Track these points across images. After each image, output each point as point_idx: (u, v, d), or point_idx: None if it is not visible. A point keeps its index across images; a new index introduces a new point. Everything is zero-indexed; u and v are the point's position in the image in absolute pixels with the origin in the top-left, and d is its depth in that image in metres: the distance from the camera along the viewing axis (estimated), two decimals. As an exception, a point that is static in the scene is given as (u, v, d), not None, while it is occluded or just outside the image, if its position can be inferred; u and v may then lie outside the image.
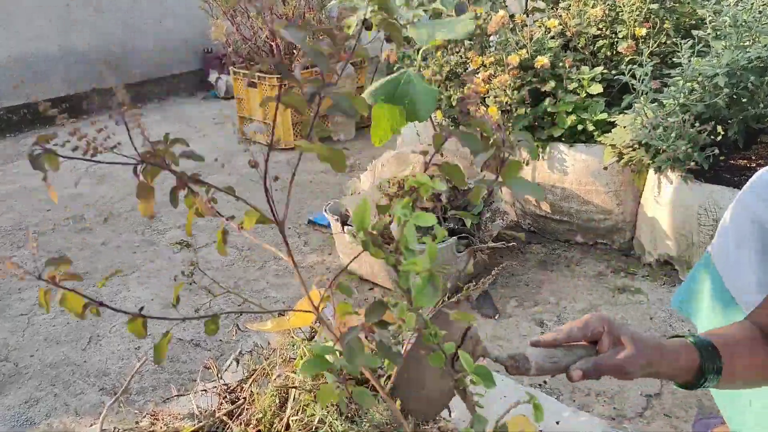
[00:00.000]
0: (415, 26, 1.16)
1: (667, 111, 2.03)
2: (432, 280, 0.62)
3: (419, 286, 0.62)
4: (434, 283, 0.62)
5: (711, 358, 0.90)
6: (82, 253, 2.78)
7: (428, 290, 0.62)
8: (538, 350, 0.88)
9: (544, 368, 0.87)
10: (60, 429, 1.69)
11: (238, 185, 3.52)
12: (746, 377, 0.98)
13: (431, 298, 0.62)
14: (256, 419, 1.34)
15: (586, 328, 0.89)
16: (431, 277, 0.62)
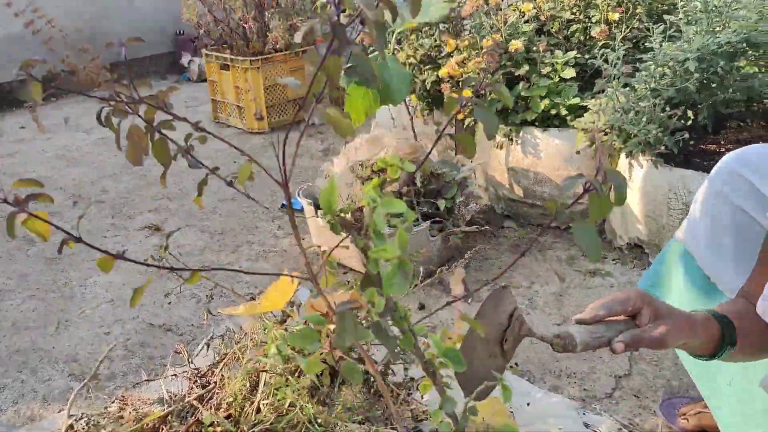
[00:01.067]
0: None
1: (638, 95, 2.05)
2: (402, 268, 0.61)
3: (388, 275, 0.60)
4: (404, 271, 0.60)
5: (729, 331, 0.96)
6: (51, 237, 2.72)
7: (398, 278, 0.60)
8: (581, 327, 0.91)
9: (589, 344, 0.90)
10: (27, 415, 1.67)
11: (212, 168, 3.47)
12: (749, 351, 1.03)
13: (401, 287, 0.60)
14: (226, 403, 1.33)
15: (627, 303, 0.92)
16: (401, 265, 0.60)
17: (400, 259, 0.61)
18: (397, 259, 0.61)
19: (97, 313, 2.16)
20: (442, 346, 0.72)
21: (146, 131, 0.70)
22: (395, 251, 0.61)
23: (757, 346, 1.02)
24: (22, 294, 2.30)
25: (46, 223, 0.70)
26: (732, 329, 0.96)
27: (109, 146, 3.90)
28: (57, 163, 3.67)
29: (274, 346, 1.36)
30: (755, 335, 1.00)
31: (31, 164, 3.66)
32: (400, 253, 0.61)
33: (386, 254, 0.62)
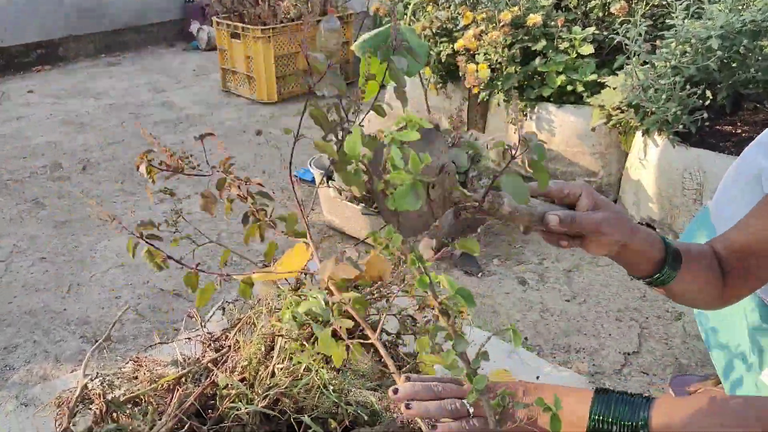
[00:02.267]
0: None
1: (658, 73, 2.02)
2: (415, 188, 0.64)
3: (401, 192, 0.64)
4: (417, 191, 0.64)
5: (674, 257, 0.90)
6: (60, 201, 2.72)
7: (410, 197, 0.64)
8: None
9: (519, 210, 0.84)
10: (40, 375, 1.68)
11: (221, 137, 3.45)
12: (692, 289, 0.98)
13: (413, 203, 0.64)
14: (241, 367, 1.34)
15: (565, 187, 0.88)
16: (414, 185, 0.65)
17: (413, 181, 0.65)
18: (410, 179, 0.65)
19: (107, 277, 2.16)
20: (454, 285, 0.72)
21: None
22: (409, 172, 0.65)
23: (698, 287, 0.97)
24: (32, 256, 2.30)
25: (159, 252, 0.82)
26: (677, 257, 0.90)
27: (117, 112, 3.88)
28: (65, 128, 3.65)
29: (288, 312, 1.36)
30: (700, 277, 0.95)
31: (38, 129, 3.64)
32: (413, 174, 0.65)
33: (401, 176, 0.65)
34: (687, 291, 0.96)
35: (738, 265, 0.98)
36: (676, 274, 0.91)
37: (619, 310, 1.96)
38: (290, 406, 1.23)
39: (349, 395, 1.29)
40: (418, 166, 0.66)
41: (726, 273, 0.98)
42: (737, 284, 0.99)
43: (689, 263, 0.92)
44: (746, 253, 0.97)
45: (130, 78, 4.65)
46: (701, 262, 0.96)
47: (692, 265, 0.93)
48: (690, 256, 0.93)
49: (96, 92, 4.29)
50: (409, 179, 0.66)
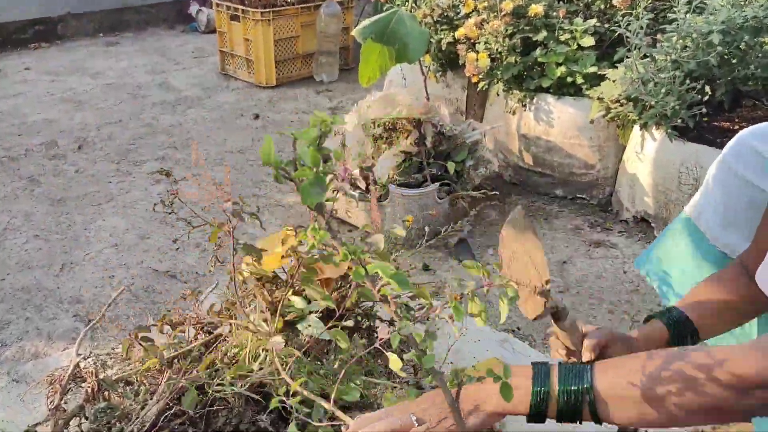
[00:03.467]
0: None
1: (658, 66, 2.02)
2: (319, 181, 0.68)
3: (305, 186, 0.68)
4: (320, 184, 0.68)
5: (682, 334, 0.96)
6: (56, 179, 2.71)
7: (314, 189, 0.68)
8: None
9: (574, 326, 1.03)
10: (32, 352, 1.68)
11: (218, 121, 3.45)
12: (720, 329, 1.03)
13: (317, 196, 0.68)
14: (232, 351, 1.34)
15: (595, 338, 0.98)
16: (318, 179, 0.68)
17: (316, 174, 0.69)
18: (312, 174, 0.69)
19: (101, 256, 2.16)
20: (387, 270, 0.73)
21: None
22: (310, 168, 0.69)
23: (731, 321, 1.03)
24: (26, 233, 2.30)
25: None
26: (687, 330, 0.96)
27: (115, 92, 3.86)
28: (62, 106, 3.63)
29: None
30: (727, 312, 1.00)
31: (36, 106, 3.62)
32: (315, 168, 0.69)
33: (305, 172, 0.69)
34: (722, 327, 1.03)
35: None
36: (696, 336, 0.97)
37: (611, 303, 1.97)
38: (277, 390, 1.23)
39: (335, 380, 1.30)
40: (318, 161, 0.70)
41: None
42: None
43: (705, 317, 0.98)
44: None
45: (128, 58, 4.63)
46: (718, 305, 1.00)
47: (710, 316, 0.98)
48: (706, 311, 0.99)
49: (94, 71, 4.26)
50: (311, 174, 0.69)
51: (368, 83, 2.31)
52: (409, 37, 2.19)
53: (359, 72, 2.29)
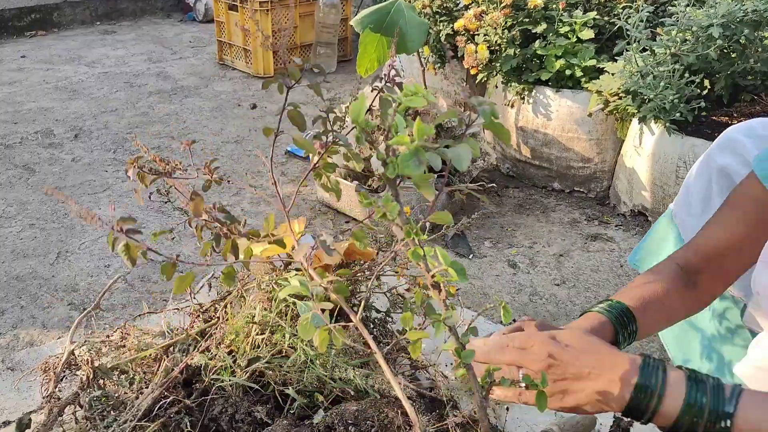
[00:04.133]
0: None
1: (657, 60, 2.01)
2: (418, 154, 0.64)
3: (405, 155, 0.64)
4: (420, 157, 0.64)
5: (625, 326, 0.92)
6: (51, 168, 2.70)
7: (413, 161, 0.64)
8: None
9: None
10: (27, 340, 1.67)
11: (215, 110, 3.43)
12: (659, 324, 1.01)
13: (416, 168, 0.64)
14: (228, 340, 1.34)
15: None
16: (417, 151, 0.64)
17: (417, 146, 0.64)
18: (413, 145, 0.65)
19: (97, 245, 2.15)
20: (448, 258, 0.72)
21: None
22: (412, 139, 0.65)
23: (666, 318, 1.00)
24: (21, 222, 2.28)
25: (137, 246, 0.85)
26: (629, 322, 0.92)
27: (111, 81, 3.83)
28: (58, 94, 3.61)
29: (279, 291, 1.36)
30: (662, 311, 0.98)
31: (31, 94, 3.60)
32: (417, 139, 0.64)
33: (404, 140, 0.65)
34: (656, 327, 1.01)
35: (711, 266, 1.01)
36: (634, 337, 0.93)
37: (608, 296, 1.96)
38: (274, 379, 1.23)
39: (334, 371, 1.30)
40: (423, 133, 0.65)
41: (697, 278, 1.02)
42: (711, 285, 1.03)
43: (646, 311, 0.95)
44: (718, 254, 1.00)
45: (125, 47, 4.60)
46: (658, 299, 0.98)
47: (651, 310, 0.95)
48: (646, 305, 0.95)
49: (90, 60, 4.24)
50: (411, 144, 0.66)
51: (366, 74, 2.31)
52: (408, 28, 2.18)
53: (357, 62, 2.29)
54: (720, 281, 1.03)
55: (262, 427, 1.15)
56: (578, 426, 1.36)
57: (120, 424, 1.14)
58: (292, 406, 1.22)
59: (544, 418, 1.41)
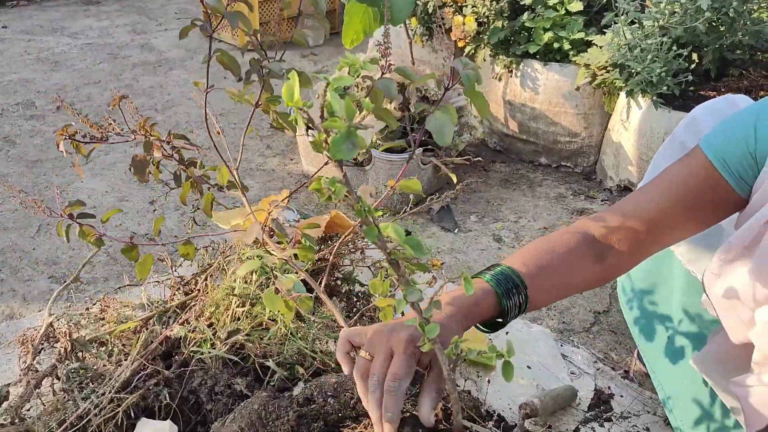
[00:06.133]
0: None
1: (645, 33, 1.99)
2: (350, 136, 0.63)
3: (336, 140, 0.63)
4: (353, 140, 0.63)
5: (511, 295, 0.88)
6: (33, 140, 2.65)
7: (346, 144, 0.63)
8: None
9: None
10: (7, 313, 1.65)
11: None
12: (553, 299, 0.98)
13: (348, 152, 0.63)
14: (209, 312, 1.33)
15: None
16: (349, 134, 0.63)
17: (348, 128, 0.64)
18: (345, 127, 0.64)
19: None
20: (402, 233, 0.71)
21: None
22: (344, 120, 0.64)
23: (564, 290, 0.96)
24: (1, 194, 2.25)
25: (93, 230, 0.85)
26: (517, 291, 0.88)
27: (94, 53, 3.77)
28: (39, 66, 3.54)
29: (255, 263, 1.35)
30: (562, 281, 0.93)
31: (12, 65, 3.53)
32: (348, 121, 0.64)
33: (336, 124, 0.64)
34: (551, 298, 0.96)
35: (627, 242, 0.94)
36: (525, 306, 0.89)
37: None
38: (255, 352, 1.22)
39: (315, 344, 1.29)
40: (353, 113, 0.64)
41: (608, 252, 0.95)
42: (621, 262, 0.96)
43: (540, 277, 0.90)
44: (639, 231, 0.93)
45: (109, 18, 4.51)
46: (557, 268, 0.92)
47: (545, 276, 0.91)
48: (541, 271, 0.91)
49: (73, 31, 4.16)
50: (344, 127, 0.64)
51: (352, 45, 2.27)
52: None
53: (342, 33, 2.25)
54: (630, 259, 0.97)
55: (241, 398, 1.15)
56: (558, 399, 1.37)
57: (98, 395, 1.13)
58: (272, 378, 1.22)
59: (524, 390, 1.42)
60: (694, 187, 0.91)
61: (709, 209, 0.91)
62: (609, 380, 1.49)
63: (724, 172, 0.87)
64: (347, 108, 0.63)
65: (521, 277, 0.89)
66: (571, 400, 1.39)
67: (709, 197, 0.90)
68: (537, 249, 0.95)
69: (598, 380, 1.49)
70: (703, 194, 0.90)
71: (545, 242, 0.96)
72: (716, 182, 0.88)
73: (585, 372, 1.50)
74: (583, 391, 1.44)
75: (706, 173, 0.89)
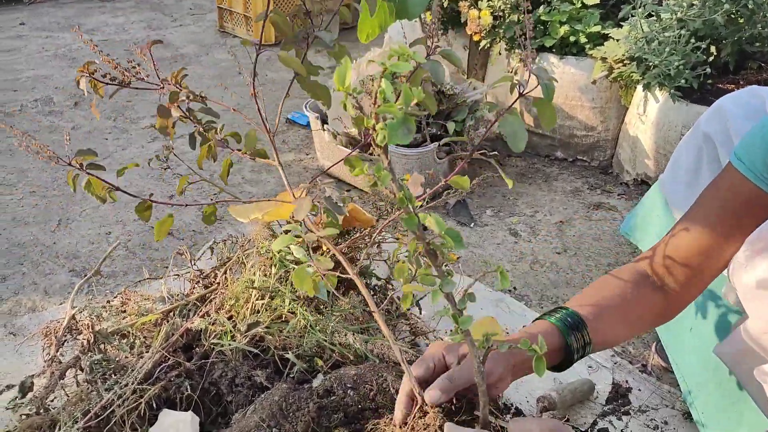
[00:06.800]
0: None
1: (663, 25, 1.98)
2: (406, 122, 0.63)
3: (393, 124, 0.63)
4: (408, 125, 0.63)
5: (575, 336, 0.89)
6: (51, 136, 2.68)
7: (401, 130, 0.63)
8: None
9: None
10: (29, 306, 1.68)
11: (215, 78, 3.40)
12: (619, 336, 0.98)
13: (404, 137, 0.63)
14: (228, 305, 1.34)
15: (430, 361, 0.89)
16: (405, 119, 0.63)
17: (404, 113, 0.64)
18: (401, 112, 0.64)
19: (97, 213, 2.15)
20: (443, 224, 0.71)
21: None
22: (400, 105, 0.64)
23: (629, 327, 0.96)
24: (22, 190, 2.28)
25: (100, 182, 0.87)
26: (581, 331, 0.90)
27: (111, 48, 3.80)
28: (57, 62, 3.58)
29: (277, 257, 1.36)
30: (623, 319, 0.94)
31: (30, 62, 3.57)
32: (404, 107, 0.63)
33: (391, 108, 0.64)
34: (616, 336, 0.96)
35: (681, 272, 0.95)
36: (590, 346, 0.90)
37: (609, 264, 1.96)
38: (274, 344, 1.23)
39: (334, 337, 1.30)
40: (410, 99, 0.64)
41: (666, 284, 0.96)
42: (683, 291, 0.97)
43: (602, 319, 0.91)
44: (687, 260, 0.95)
45: (124, 14, 4.55)
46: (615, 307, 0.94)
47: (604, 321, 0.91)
48: (603, 313, 0.92)
49: (89, 27, 4.19)
50: (399, 113, 0.64)
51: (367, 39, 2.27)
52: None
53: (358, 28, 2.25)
54: (693, 287, 0.98)
55: (261, 390, 1.16)
56: (576, 392, 1.37)
57: (121, 387, 1.15)
58: (292, 370, 1.23)
59: (543, 384, 1.42)
60: (735, 204, 0.92)
61: (753, 221, 0.91)
62: (627, 374, 1.49)
63: (760, 183, 0.88)
64: (405, 94, 0.63)
65: (582, 319, 0.91)
66: (588, 393, 1.39)
67: (751, 210, 0.91)
68: (589, 290, 0.98)
69: (615, 374, 1.48)
70: (744, 209, 0.91)
71: (597, 283, 0.99)
72: (755, 194, 0.89)
73: (603, 366, 1.50)
74: (601, 384, 1.44)
75: (743, 188, 0.90)
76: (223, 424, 1.17)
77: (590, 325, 0.90)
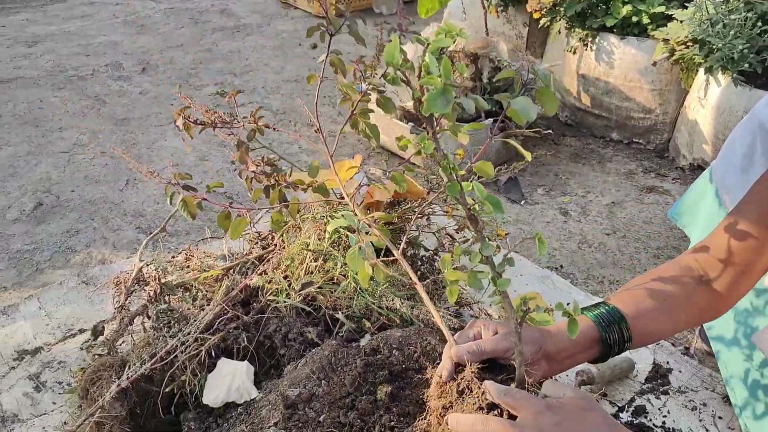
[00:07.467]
0: None
1: (729, 8, 1.94)
2: (445, 93, 0.66)
3: (432, 95, 0.66)
4: (447, 96, 0.66)
5: (613, 332, 0.89)
6: (120, 99, 2.81)
7: (441, 100, 0.66)
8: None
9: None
10: (99, 259, 1.80)
11: (276, 49, 3.47)
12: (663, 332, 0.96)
13: (443, 107, 0.66)
14: (284, 265, 1.42)
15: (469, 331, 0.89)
16: (445, 90, 0.66)
17: (444, 85, 0.67)
18: (440, 84, 0.67)
19: (163, 174, 2.26)
20: (483, 191, 0.74)
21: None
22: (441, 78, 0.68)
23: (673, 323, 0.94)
24: (93, 150, 2.41)
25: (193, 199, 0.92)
26: (620, 326, 0.89)
27: (176, 17, 3.91)
28: (126, 29, 3.71)
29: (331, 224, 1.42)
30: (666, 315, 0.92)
31: (101, 28, 3.71)
32: (444, 79, 0.67)
33: (432, 80, 0.67)
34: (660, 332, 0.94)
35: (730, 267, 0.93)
36: (630, 341, 0.89)
37: (658, 248, 1.96)
38: (325, 304, 1.30)
39: (382, 300, 1.36)
40: (450, 72, 0.68)
41: (714, 280, 0.94)
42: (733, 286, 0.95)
43: (641, 317, 0.90)
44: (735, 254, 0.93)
45: (190, -18, 4.66)
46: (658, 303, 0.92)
47: (646, 317, 0.90)
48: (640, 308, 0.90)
49: None
50: (439, 83, 0.68)
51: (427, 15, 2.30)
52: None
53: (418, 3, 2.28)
54: (742, 284, 0.95)
55: (312, 346, 1.23)
56: (615, 369, 1.39)
57: (184, 334, 1.24)
58: (341, 329, 1.30)
59: (582, 358, 1.45)
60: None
61: None
62: (668, 355, 1.50)
63: None
64: (445, 67, 0.67)
65: (623, 315, 0.90)
66: (628, 371, 1.42)
67: None
68: (633, 285, 0.96)
69: (657, 354, 1.50)
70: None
71: (643, 277, 0.97)
72: None
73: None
74: (641, 364, 1.46)
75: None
76: (275, 375, 1.25)
77: (631, 321, 0.90)
